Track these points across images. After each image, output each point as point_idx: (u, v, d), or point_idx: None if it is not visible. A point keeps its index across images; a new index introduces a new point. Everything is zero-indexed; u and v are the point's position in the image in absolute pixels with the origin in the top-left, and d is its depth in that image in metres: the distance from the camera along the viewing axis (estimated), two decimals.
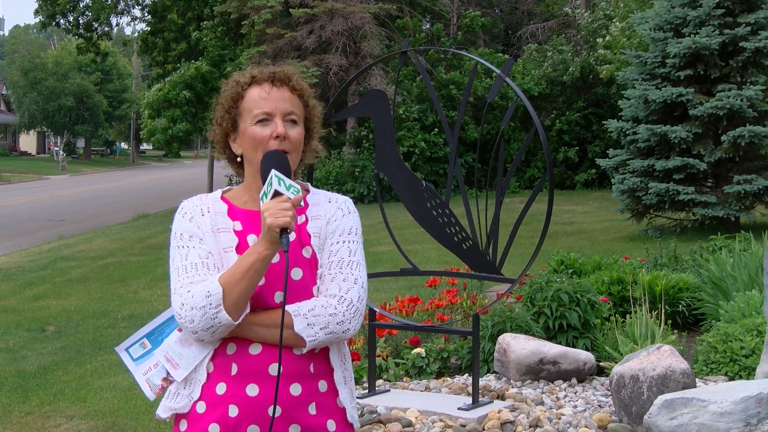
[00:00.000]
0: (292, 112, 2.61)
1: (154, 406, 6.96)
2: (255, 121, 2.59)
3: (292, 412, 2.52)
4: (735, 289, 7.71)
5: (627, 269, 8.63)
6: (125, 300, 12.17)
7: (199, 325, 2.46)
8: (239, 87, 2.65)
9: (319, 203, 2.68)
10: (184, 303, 2.48)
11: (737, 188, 14.63)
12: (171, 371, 2.60)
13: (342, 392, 2.61)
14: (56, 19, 33.96)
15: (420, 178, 6.28)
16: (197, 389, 2.55)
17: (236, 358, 2.53)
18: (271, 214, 2.39)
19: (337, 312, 2.51)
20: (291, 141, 2.59)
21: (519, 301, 7.72)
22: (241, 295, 2.45)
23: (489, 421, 5.59)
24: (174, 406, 2.59)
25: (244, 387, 2.50)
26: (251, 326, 2.51)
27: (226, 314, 2.44)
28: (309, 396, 2.55)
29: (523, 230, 6.38)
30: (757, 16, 15.17)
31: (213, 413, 2.52)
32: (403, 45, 6.42)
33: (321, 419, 2.56)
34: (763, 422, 4.96)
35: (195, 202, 2.68)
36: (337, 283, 2.55)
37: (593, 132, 27.85)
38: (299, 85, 2.65)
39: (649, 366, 5.56)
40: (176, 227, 2.64)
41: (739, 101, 14.68)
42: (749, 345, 6.38)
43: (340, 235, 2.62)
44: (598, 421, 5.62)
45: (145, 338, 2.75)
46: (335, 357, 2.61)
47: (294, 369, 2.52)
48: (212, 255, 2.57)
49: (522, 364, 6.66)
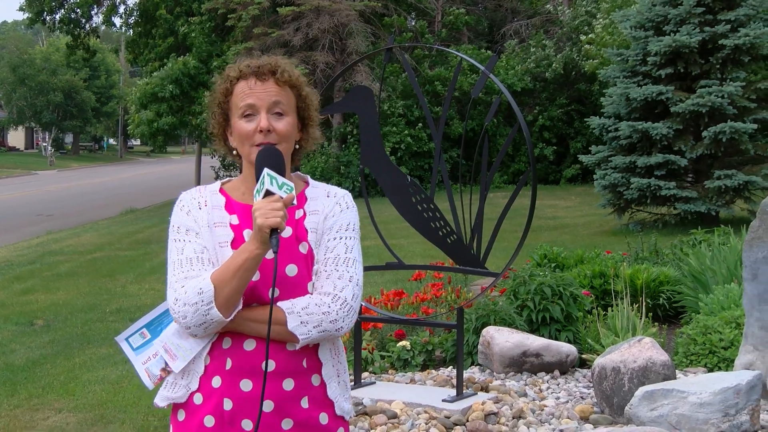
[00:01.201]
0: (278, 103, 2.58)
1: (142, 400, 6.99)
2: (241, 115, 2.58)
3: (285, 407, 2.52)
4: (714, 282, 7.74)
5: (609, 263, 8.66)
6: (113, 294, 12.13)
7: (192, 321, 2.46)
8: (228, 82, 2.63)
9: (317, 197, 2.65)
10: (178, 298, 2.48)
11: (717, 183, 14.70)
12: (169, 362, 2.60)
13: (330, 386, 2.60)
14: (43, 16, 33.81)
15: (405, 174, 6.28)
16: (195, 381, 2.56)
17: (231, 353, 2.53)
18: (262, 214, 2.37)
19: (331, 310, 2.50)
20: (278, 133, 2.56)
21: (503, 295, 7.74)
22: (232, 293, 2.44)
23: (473, 412, 5.60)
24: (171, 396, 2.59)
25: (239, 382, 2.51)
26: (245, 321, 2.51)
27: (218, 311, 2.44)
28: (301, 390, 2.55)
29: (506, 225, 6.39)
30: (737, 13, 15.23)
31: (208, 405, 2.53)
32: (388, 42, 6.42)
33: (314, 412, 2.57)
34: (741, 413, 4.99)
35: (193, 195, 2.65)
36: (332, 280, 2.54)
37: (575, 128, 27.91)
38: (286, 75, 2.60)
39: (630, 358, 5.58)
40: (174, 220, 2.63)
41: (719, 98, 14.74)
42: (728, 337, 6.41)
43: (337, 231, 2.60)
44: (580, 413, 5.64)
45: (145, 328, 2.75)
46: (326, 352, 2.60)
47: (287, 365, 2.52)
48: (207, 250, 2.56)
49: (505, 356, 6.68)
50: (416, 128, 26.82)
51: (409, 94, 27.22)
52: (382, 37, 26.75)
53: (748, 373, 5.14)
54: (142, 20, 31.10)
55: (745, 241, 5.89)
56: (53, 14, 33.67)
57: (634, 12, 16.35)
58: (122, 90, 69.76)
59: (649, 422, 5.06)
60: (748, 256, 5.82)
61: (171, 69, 27.49)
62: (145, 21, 30.74)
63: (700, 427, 4.97)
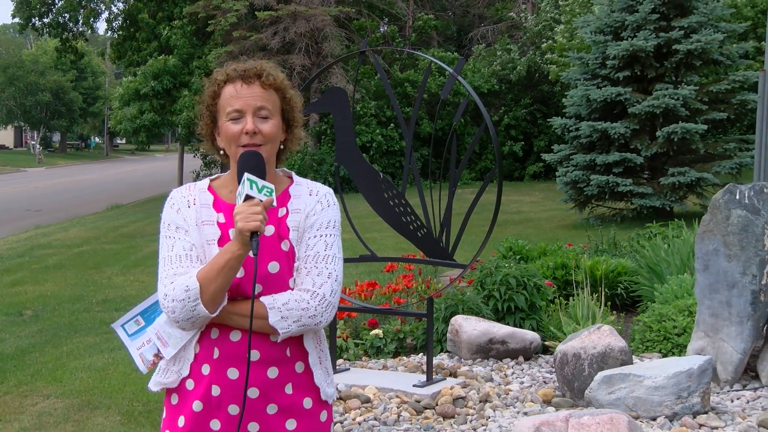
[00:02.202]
0: (263, 107, 2.58)
1: (127, 386, 6.94)
2: (228, 118, 2.58)
3: (269, 393, 2.55)
4: (669, 273, 7.80)
5: (570, 255, 8.69)
6: (99, 286, 12.05)
7: (180, 316, 2.49)
8: (216, 85, 2.63)
9: (300, 195, 2.66)
10: (167, 294, 2.50)
11: (671, 180, 14.81)
12: (161, 349, 2.62)
13: (316, 372, 2.63)
14: (32, 21, 33.48)
15: (377, 170, 6.28)
16: (186, 367, 2.58)
17: (218, 343, 2.55)
18: (242, 218, 2.38)
19: (309, 306, 2.52)
20: (263, 134, 2.57)
21: (470, 285, 7.76)
22: (216, 290, 2.46)
23: (442, 397, 5.62)
24: (164, 381, 2.62)
25: (226, 370, 2.53)
26: (230, 315, 2.53)
27: (203, 307, 2.46)
28: (285, 377, 2.57)
29: (474, 219, 6.40)
30: (690, 20, 15.34)
31: (198, 391, 2.55)
32: (361, 45, 6.41)
33: (297, 398, 2.59)
34: (693, 395, 5.04)
35: (183, 193, 2.66)
36: (312, 277, 2.55)
37: (539, 127, 28.00)
38: (271, 79, 2.61)
39: (590, 344, 5.61)
40: (165, 217, 2.63)
41: (673, 100, 14.85)
42: (681, 324, 6.46)
43: (317, 229, 2.61)
44: (543, 396, 5.67)
45: (139, 315, 2.77)
46: (310, 341, 2.62)
47: (271, 354, 2.55)
48: (195, 247, 2.57)
49: (473, 343, 6.70)
50: (388, 128, 26.80)
51: (382, 95, 27.20)
52: (355, 40, 26.71)
53: (699, 358, 5.19)
54: (126, 24, 30.84)
55: (697, 234, 5.94)
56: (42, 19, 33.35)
57: (594, 18, 16.43)
58: (108, 91, 69.20)
59: (608, 405, 5.10)
60: (699, 248, 5.87)
61: (152, 65, 27.31)
62: (129, 25, 30.50)
63: (655, 408, 5.02)
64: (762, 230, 5.62)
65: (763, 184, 5.75)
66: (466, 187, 23.83)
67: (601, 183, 15.16)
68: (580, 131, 15.59)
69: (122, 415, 6.26)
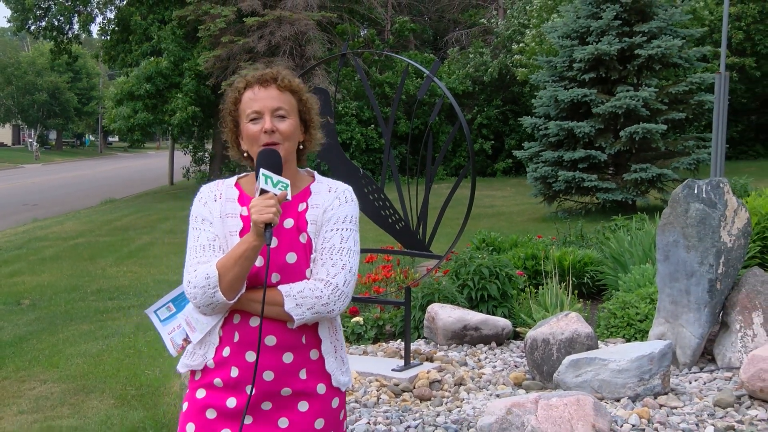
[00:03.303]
0: (280, 107, 2.61)
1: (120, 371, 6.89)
2: (248, 119, 2.62)
3: (284, 377, 2.56)
4: (632, 263, 7.82)
5: (540, 246, 8.72)
6: (94, 276, 11.98)
7: (201, 302, 2.52)
8: (237, 92, 2.67)
9: (320, 192, 2.68)
10: (190, 281, 2.53)
11: (634, 176, 14.89)
12: (189, 334, 2.65)
13: (328, 360, 2.64)
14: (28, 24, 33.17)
15: (358, 167, 6.27)
16: (211, 350, 2.60)
17: (239, 328, 2.57)
18: (256, 211, 2.41)
19: (323, 295, 2.53)
20: (281, 133, 2.60)
21: (446, 275, 7.76)
22: (234, 278, 2.49)
23: (419, 380, 5.62)
24: (191, 363, 2.64)
25: (244, 353, 2.55)
26: (249, 302, 2.55)
27: (222, 295, 2.49)
28: (300, 363, 2.58)
29: (449, 213, 6.40)
30: (650, 26, 15.42)
31: (219, 371, 2.58)
32: (342, 48, 6.39)
33: (311, 383, 2.60)
34: (654, 377, 5.06)
35: (211, 188, 2.70)
36: (327, 268, 2.56)
37: (510, 126, 28.04)
38: (285, 82, 2.64)
39: (558, 331, 5.63)
40: (193, 210, 2.67)
41: (634, 101, 14.92)
42: (643, 311, 6.49)
43: (335, 223, 2.62)
44: (514, 380, 5.68)
45: (171, 302, 2.80)
46: (325, 330, 2.64)
47: (287, 340, 2.56)
48: (219, 238, 2.60)
49: (448, 330, 6.70)
50: (368, 128, 26.76)
51: (362, 95, 27.15)
52: (336, 43, 26.65)
53: (660, 343, 5.21)
54: (119, 28, 30.58)
55: (658, 226, 5.96)
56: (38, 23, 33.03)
57: (561, 23, 16.48)
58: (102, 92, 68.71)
59: (575, 387, 5.11)
60: (660, 239, 5.90)
61: (145, 68, 27.15)
62: (122, 29, 30.25)
63: (619, 390, 5.04)
64: (718, 223, 5.65)
65: (719, 180, 5.78)
66: (442, 182, 23.83)
67: (569, 178, 15.22)
68: (549, 130, 15.64)
69: (116, 398, 6.23)
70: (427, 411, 5.16)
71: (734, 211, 5.72)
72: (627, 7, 15.61)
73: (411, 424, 4.85)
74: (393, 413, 5.07)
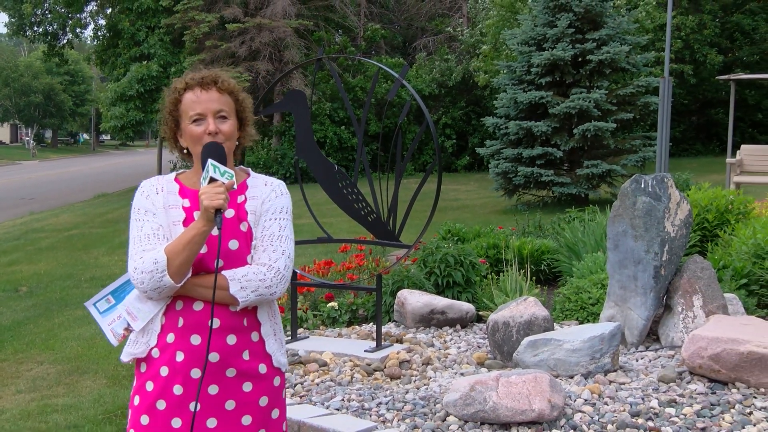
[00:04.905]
0: (221, 109, 2.59)
1: (112, 353, 6.83)
2: (191, 121, 2.59)
3: (228, 358, 2.52)
4: (585, 251, 7.87)
5: (501, 237, 8.74)
6: (87, 265, 11.87)
7: (148, 286, 2.46)
8: (177, 93, 2.64)
9: (256, 186, 2.67)
10: (137, 267, 2.47)
11: (586, 171, 14.96)
12: (131, 323, 2.58)
13: (268, 342, 2.61)
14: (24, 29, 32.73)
15: (333, 163, 6.24)
16: (153, 337, 2.55)
17: (183, 313, 2.52)
18: (207, 197, 2.39)
19: (266, 278, 2.51)
20: (223, 133, 2.58)
21: (414, 263, 7.77)
22: (182, 263, 2.44)
23: (389, 360, 5.62)
24: (134, 352, 2.58)
25: (189, 337, 2.50)
26: (194, 287, 2.50)
27: (170, 278, 2.44)
28: (243, 345, 2.55)
29: (417, 205, 6.40)
30: (601, 33, 15.50)
31: (164, 358, 2.52)
32: (318, 53, 6.36)
33: (253, 363, 2.57)
34: (604, 356, 5.10)
35: (152, 183, 2.65)
36: (268, 253, 2.55)
37: (473, 126, 28.08)
38: (225, 84, 2.63)
39: (518, 314, 5.65)
40: (135, 203, 2.62)
41: (587, 102, 14.99)
42: (595, 296, 6.53)
43: (272, 213, 2.61)
44: (477, 359, 5.70)
45: (110, 295, 2.75)
46: (264, 314, 2.61)
47: (230, 323, 2.52)
48: (162, 227, 2.55)
49: (416, 314, 6.71)
50: (341, 128, 26.69)
51: (336, 97, 27.06)
52: (313, 49, 26.54)
53: (610, 325, 5.25)
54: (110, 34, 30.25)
55: (608, 218, 6.00)
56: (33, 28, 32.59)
57: (520, 31, 16.51)
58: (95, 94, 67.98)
59: (533, 366, 5.14)
60: (611, 230, 5.93)
61: (136, 71, 26.94)
62: (112, 35, 29.93)
63: (573, 368, 5.07)
64: (663, 214, 5.69)
65: (663, 175, 5.82)
66: (410, 177, 23.83)
67: (527, 174, 15.27)
68: (509, 129, 15.68)
69: (108, 378, 6.18)
70: (397, 388, 5.16)
71: (677, 204, 5.76)
72: (579, 16, 15.67)
73: (382, 400, 4.85)
74: (366, 391, 5.07)
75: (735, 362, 4.66)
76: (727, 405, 4.45)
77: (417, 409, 4.64)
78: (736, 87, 20.31)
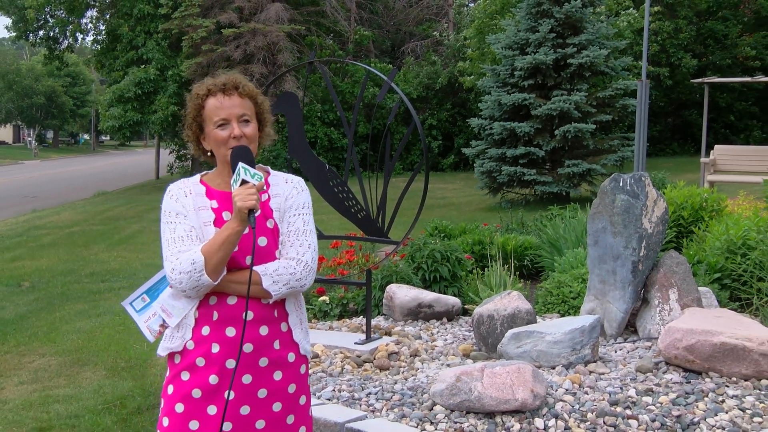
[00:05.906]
0: (244, 113, 2.62)
1: (112, 346, 6.79)
2: (216, 126, 2.61)
3: (261, 349, 2.56)
4: (566, 247, 7.89)
5: (485, 233, 8.75)
6: (88, 261, 11.81)
7: (187, 286, 2.49)
8: (199, 99, 2.65)
9: (278, 183, 2.70)
10: (174, 268, 2.49)
11: (567, 170, 15.01)
12: (166, 319, 2.60)
13: (295, 331, 2.65)
14: (27, 34, 32.55)
15: (324, 163, 6.23)
16: (188, 332, 2.57)
17: (217, 308, 2.55)
18: (240, 198, 2.42)
19: (296, 271, 2.55)
20: (247, 136, 2.61)
21: (402, 259, 7.76)
22: (218, 261, 2.48)
23: (379, 352, 5.61)
24: (170, 346, 2.60)
25: (224, 329, 2.53)
26: (228, 283, 2.54)
27: (208, 277, 2.48)
28: (274, 335, 2.58)
29: (405, 203, 6.39)
30: (581, 38, 15.54)
31: (199, 349, 2.54)
32: (310, 57, 6.34)
33: (283, 352, 2.60)
34: (585, 348, 5.11)
35: (179, 186, 2.66)
36: (295, 248, 2.59)
37: (458, 127, 28.09)
38: (246, 89, 2.65)
39: (502, 307, 5.65)
40: (165, 206, 2.62)
41: (568, 104, 15.02)
42: (576, 289, 6.54)
43: (296, 209, 2.64)
44: (462, 351, 5.70)
45: (145, 293, 2.77)
46: (291, 304, 2.64)
47: (262, 314, 2.56)
48: (195, 229, 2.57)
49: (405, 307, 6.70)
50: (331, 129, 26.65)
51: (326, 99, 27.03)
52: (305, 53, 26.49)
53: (590, 318, 5.26)
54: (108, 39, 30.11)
55: (588, 215, 6.01)
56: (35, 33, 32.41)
57: (504, 36, 16.53)
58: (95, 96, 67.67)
59: (516, 357, 5.14)
60: (591, 226, 5.94)
61: (135, 74, 26.85)
62: (111, 39, 29.80)
63: (555, 359, 5.07)
64: (640, 211, 5.71)
65: (641, 174, 5.84)
66: (399, 176, 23.84)
67: (511, 173, 15.30)
68: (493, 130, 15.70)
69: (107, 370, 6.15)
70: (386, 379, 5.15)
71: (654, 202, 5.78)
72: (561, 22, 15.71)
73: (372, 391, 4.84)
74: (356, 381, 5.06)
75: (708, 353, 4.67)
76: (701, 393, 4.46)
77: (405, 399, 4.64)
78: (710, 90, 20.39)
